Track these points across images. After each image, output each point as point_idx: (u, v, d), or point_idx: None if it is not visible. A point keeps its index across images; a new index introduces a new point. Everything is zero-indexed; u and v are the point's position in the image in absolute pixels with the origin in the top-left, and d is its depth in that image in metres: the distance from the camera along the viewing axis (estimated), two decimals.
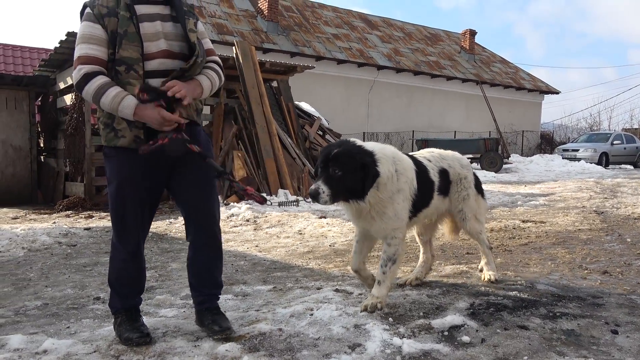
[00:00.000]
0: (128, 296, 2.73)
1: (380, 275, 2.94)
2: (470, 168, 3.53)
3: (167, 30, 2.52)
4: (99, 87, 2.38)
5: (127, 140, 2.49)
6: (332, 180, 2.64)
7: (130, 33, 2.42)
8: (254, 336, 2.61)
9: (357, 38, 24.25)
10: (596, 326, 2.63)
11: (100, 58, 2.42)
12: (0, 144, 10.70)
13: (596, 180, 12.80)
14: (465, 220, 3.41)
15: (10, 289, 4.05)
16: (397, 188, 2.84)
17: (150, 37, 2.47)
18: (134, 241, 2.66)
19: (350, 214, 2.95)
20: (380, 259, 2.96)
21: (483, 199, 3.63)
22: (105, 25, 2.41)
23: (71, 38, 8.86)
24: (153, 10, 2.53)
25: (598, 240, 5.07)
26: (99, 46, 2.41)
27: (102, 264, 4.92)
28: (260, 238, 6.05)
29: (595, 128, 36.96)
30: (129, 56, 2.42)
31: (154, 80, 2.46)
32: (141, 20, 2.46)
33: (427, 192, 3.12)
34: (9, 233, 6.32)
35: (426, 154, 3.38)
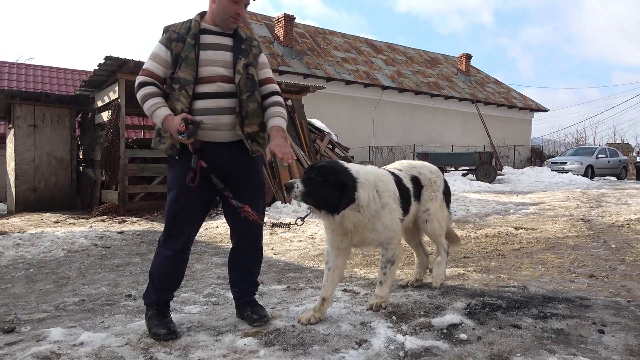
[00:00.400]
0: (163, 291, 2.72)
1: (381, 276, 2.87)
2: (439, 175, 3.39)
3: (226, 59, 2.63)
4: (145, 95, 2.55)
5: (166, 147, 2.61)
6: (310, 182, 2.52)
7: (190, 58, 2.54)
8: (269, 332, 2.59)
9: (363, 61, 24.30)
10: (584, 326, 2.58)
11: (156, 74, 2.58)
12: (45, 155, 10.84)
13: (582, 190, 12.63)
14: (428, 221, 3.24)
15: (51, 286, 4.08)
16: (380, 205, 2.73)
17: (208, 63, 2.59)
18: (180, 243, 2.65)
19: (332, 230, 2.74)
20: (380, 262, 2.91)
21: (448, 209, 3.46)
22: (171, 49, 2.57)
23: (108, 62, 9.00)
24: (219, 40, 2.66)
25: (585, 246, 4.99)
26: (159, 65, 2.58)
27: (134, 264, 4.95)
28: (275, 242, 6.04)
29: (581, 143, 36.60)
30: (183, 77, 2.53)
31: (204, 102, 2.57)
32: (205, 48, 2.60)
33: (406, 200, 3.02)
34: (51, 235, 6.38)
35: (397, 165, 3.30)
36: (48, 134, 10.89)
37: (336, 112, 21.14)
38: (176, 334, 2.57)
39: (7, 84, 16.52)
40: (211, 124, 2.58)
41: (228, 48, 2.66)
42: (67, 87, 17.74)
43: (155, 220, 8.37)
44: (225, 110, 2.59)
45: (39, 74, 18.51)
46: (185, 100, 2.54)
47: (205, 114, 2.56)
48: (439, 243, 3.37)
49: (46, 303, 3.53)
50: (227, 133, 2.62)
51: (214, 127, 2.59)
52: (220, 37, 2.67)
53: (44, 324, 2.99)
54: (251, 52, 2.70)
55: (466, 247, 5.26)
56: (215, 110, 2.57)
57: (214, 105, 2.57)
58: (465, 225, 6.98)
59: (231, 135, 2.63)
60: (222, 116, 2.59)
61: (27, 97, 10.80)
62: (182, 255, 2.71)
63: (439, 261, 3.38)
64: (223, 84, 2.60)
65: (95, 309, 3.34)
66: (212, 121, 2.57)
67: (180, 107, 2.52)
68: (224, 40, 2.67)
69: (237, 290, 2.85)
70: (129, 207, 9.32)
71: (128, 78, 9.37)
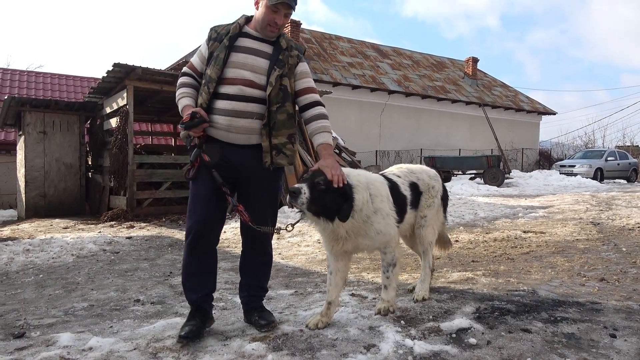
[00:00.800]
0: (190, 290, 2.70)
1: (385, 280, 2.82)
2: (438, 179, 3.31)
3: (257, 64, 2.64)
4: (179, 84, 2.75)
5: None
6: (315, 189, 2.42)
7: (219, 58, 2.61)
8: (277, 336, 2.59)
9: (369, 66, 24.32)
10: (595, 330, 2.55)
11: (196, 67, 2.75)
12: (54, 162, 10.94)
13: (592, 193, 12.52)
14: (423, 226, 3.16)
15: (61, 291, 4.10)
16: (373, 210, 2.65)
17: (235, 66, 2.63)
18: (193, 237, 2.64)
19: (326, 237, 2.67)
20: (382, 267, 2.86)
21: (444, 214, 3.39)
22: (209, 47, 2.69)
23: (117, 68, 9.09)
24: (257, 46, 2.69)
25: (595, 250, 4.93)
26: (199, 60, 2.74)
27: (142, 269, 4.96)
28: (282, 246, 6.04)
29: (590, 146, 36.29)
30: (209, 75, 2.62)
31: (221, 102, 2.60)
32: (237, 50, 2.65)
33: (402, 208, 2.92)
34: (61, 241, 6.43)
35: (395, 170, 3.19)
36: (57, 140, 10.99)
37: (343, 117, 21.15)
38: (187, 341, 2.52)
39: (18, 92, 16.72)
40: (225, 125, 2.60)
41: (264, 55, 2.67)
42: (76, 94, 17.93)
43: (164, 225, 8.40)
44: (241, 113, 2.60)
45: (49, 81, 18.73)
46: (206, 96, 2.61)
47: (220, 114, 2.60)
48: (426, 255, 3.23)
49: (55, 308, 3.55)
50: (241, 136, 2.62)
51: (227, 129, 2.60)
52: (259, 42, 2.69)
53: (53, 329, 3.00)
54: (288, 62, 2.68)
55: (475, 251, 5.23)
56: (230, 112, 2.59)
57: (229, 107, 2.59)
58: (473, 229, 6.94)
59: (245, 138, 2.63)
60: (237, 119, 2.60)
61: (37, 104, 10.92)
62: (198, 251, 2.66)
63: (422, 279, 3.23)
64: (245, 88, 2.60)
65: (104, 314, 3.36)
66: (225, 122, 2.59)
67: (200, 102, 2.62)
68: (262, 46, 2.69)
69: (245, 294, 2.85)
70: (137, 212, 9.37)
71: (136, 84, 9.46)
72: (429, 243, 3.22)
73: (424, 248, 3.22)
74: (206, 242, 2.69)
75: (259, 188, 2.71)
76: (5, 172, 14.45)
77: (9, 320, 3.25)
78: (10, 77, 18.09)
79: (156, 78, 9.62)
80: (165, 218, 9.19)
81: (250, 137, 2.64)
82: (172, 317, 3.16)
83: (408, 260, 4.77)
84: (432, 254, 3.32)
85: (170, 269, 4.93)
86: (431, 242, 3.24)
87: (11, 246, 6.18)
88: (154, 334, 2.73)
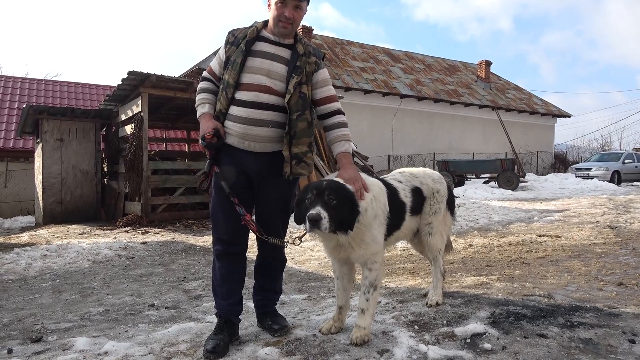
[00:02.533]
0: (217, 295, 2.69)
1: (363, 303, 2.56)
2: (442, 182, 3.18)
3: (273, 69, 2.59)
4: (198, 89, 2.76)
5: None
6: (329, 207, 2.32)
7: (236, 63, 2.58)
8: (290, 341, 2.58)
9: (381, 70, 24.32)
10: (613, 335, 2.49)
11: (215, 72, 2.74)
12: (70, 168, 11.11)
13: (609, 196, 12.30)
14: (430, 234, 3.07)
15: (77, 296, 4.16)
16: (373, 215, 2.56)
17: (251, 71, 2.59)
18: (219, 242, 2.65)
19: (329, 246, 2.58)
20: (362, 286, 2.59)
21: (452, 216, 3.28)
22: (227, 51, 2.67)
23: (131, 76, 9.22)
24: (274, 50, 2.63)
25: (613, 254, 4.84)
26: (218, 64, 2.73)
27: (156, 274, 5.01)
28: (295, 251, 6.04)
29: (606, 148, 35.74)
30: (227, 80, 2.60)
31: (237, 109, 2.57)
32: (254, 55, 2.61)
33: (399, 215, 2.82)
34: (77, 247, 6.52)
35: (397, 175, 3.05)
36: (74, 147, 11.17)
37: (355, 122, 21.14)
38: (214, 354, 2.41)
39: (36, 100, 17.06)
40: (240, 132, 2.57)
41: (282, 60, 2.62)
42: (92, 102, 18.24)
43: (177, 231, 8.47)
44: (256, 122, 2.56)
45: (65, 89, 19.08)
46: (225, 102, 2.59)
47: (235, 121, 2.58)
48: (436, 261, 3.16)
49: (72, 313, 3.59)
50: (256, 144, 2.60)
51: (242, 137, 2.58)
52: (277, 47, 2.64)
53: (69, 333, 3.05)
54: (305, 69, 2.62)
55: (489, 255, 5.17)
56: (245, 120, 2.56)
57: (244, 115, 2.56)
58: (488, 233, 6.87)
59: (260, 147, 2.60)
60: (252, 127, 2.56)
61: (54, 112, 11.12)
62: (226, 257, 2.65)
63: (434, 284, 3.17)
64: (260, 94, 2.56)
65: (119, 318, 3.39)
66: (240, 130, 2.57)
67: (219, 108, 2.61)
68: (280, 50, 2.63)
69: (259, 298, 2.85)
70: (152, 218, 9.47)
71: (150, 92, 9.58)
72: (438, 250, 3.15)
73: (433, 255, 3.16)
74: (234, 249, 2.69)
75: (271, 195, 2.69)
76: (24, 179, 14.72)
77: (27, 325, 3.30)
78: (29, 86, 18.46)
79: (170, 85, 9.74)
80: (179, 223, 9.27)
81: (266, 145, 2.61)
82: (186, 321, 3.18)
83: (422, 265, 4.73)
84: (443, 258, 3.27)
85: (184, 274, 4.97)
86: (440, 249, 3.17)
87: (29, 252, 6.29)
88: (168, 339, 2.75)
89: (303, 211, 2.39)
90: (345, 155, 2.63)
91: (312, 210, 2.28)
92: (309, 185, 2.45)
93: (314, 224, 2.26)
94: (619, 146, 37.18)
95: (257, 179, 2.66)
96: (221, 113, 2.61)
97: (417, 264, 4.76)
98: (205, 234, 7.98)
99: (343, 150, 2.65)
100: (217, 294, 2.69)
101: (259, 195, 2.70)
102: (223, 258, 2.67)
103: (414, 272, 4.45)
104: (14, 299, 4.18)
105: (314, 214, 2.26)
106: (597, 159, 22.77)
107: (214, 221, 2.69)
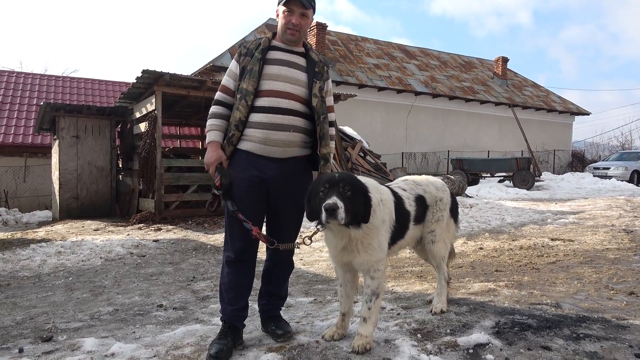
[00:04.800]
0: (223, 300, 2.72)
1: (365, 312, 2.56)
2: (446, 190, 3.19)
3: (292, 75, 2.69)
4: (210, 114, 2.77)
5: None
6: (344, 198, 2.32)
7: (254, 71, 2.64)
8: (293, 347, 2.60)
9: (396, 67, 24.15)
10: (619, 349, 2.46)
11: (229, 88, 2.75)
12: (86, 165, 11.30)
13: (627, 198, 12.06)
14: (434, 242, 3.08)
15: (88, 295, 4.24)
16: (381, 219, 2.56)
17: (271, 77, 2.67)
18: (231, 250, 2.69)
19: (337, 246, 2.56)
20: (364, 295, 2.59)
21: (455, 223, 3.28)
22: (240, 62, 2.71)
23: (146, 75, 9.32)
24: (288, 57, 2.74)
25: (626, 260, 4.76)
26: (231, 79, 2.75)
27: (167, 273, 5.08)
28: (304, 252, 6.06)
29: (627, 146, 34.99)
30: (245, 88, 2.63)
31: (258, 115, 2.63)
32: (270, 63, 2.68)
33: (404, 224, 2.82)
34: (91, 244, 6.63)
35: (401, 183, 3.06)
36: (89, 144, 11.35)
37: (369, 119, 21.08)
38: (218, 359, 2.45)
39: (53, 97, 17.36)
40: (261, 138, 2.63)
41: (298, 67, 2.73)
42: (108, 99, 18.48)
43: (190, 228, 8.56)
44: (278, 126, 2.62)
45: (82, 86, 19.37)
46: (244, 109, 2.62)
47: (256, 127, 2.63)
48: (440, 268, 3.16)
49: (82, 312, 3.67)
50: (277, 149, 2.65)
51: (264, 142, 2.63)
52: (289, 54, 2.74)
53: (79, 333, 3.11)
54: (324, 76, 2.79)
55: (499, 259, 5.13)
56: (267, 125, 2.62)
57: (265, 120, 2.62)
58: (499, 235, 6.80)
59: (281, 151, 2.66)
60: (274, 132, 2.62)
61: (70, 109, 11.31)
62: (235, 263, 2.68)
63: (438, 292, 3.16)
64: (280, 100, 2.63)
65: (128, 318, 3.45)
66: (262, 135, 2.62)
67: (239, 116, 2.63)
68: (294, 58, 2.74)
69: (264, 302, 2.88)
70: (165, 215, 9.58)
71: (164, 90, 9.68)
72: (442, 257, 3.15)
73: (437, 263, 3.16)
74: (245, 256, 2.72)
75: (287, 200, 2.72)
76: (42, 174, 15.01)
77: (39, 323, 3.38)
78: (47, 82, 18.78)
79: (183, 84, 9.82)
80: (191, 221, 9.37)
81: (287, 150, 2.67)
82: (192, 323, 3.22)
83: (430, 269, 4.71)
84: (447, 266, 3.26)
85: (193, 273, 5.03)
86: (444, 257, 3.17)
87: (44, 248, 6.43)
88: (174, 341, 2.79)
89: (318, 204, 2.38)
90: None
91: (329, 200, 2.28)
92: (321, 179, 2.47)
93: (331, 214, 2.26)
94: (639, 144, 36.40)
95: (274, 185, 2.68)
96: (240, 122, 2.64)
97: (425, 267, 4.74)
98: (217, 232, 8.05)
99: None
100: (224, 299, 2.73)
101: (274, 200, 2.72)
102: (233, 264, 2.71)
103: (422, 276, 4.44)
104: (28, 296, 4.28)
105: (331, 204, 2.26)
106: (616, 158, 22.33)
107: (228, 229, 2.74)
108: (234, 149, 2.69)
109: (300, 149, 2.73)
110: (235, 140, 2.67)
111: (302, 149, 2.74)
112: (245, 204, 2.64)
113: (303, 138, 2.71)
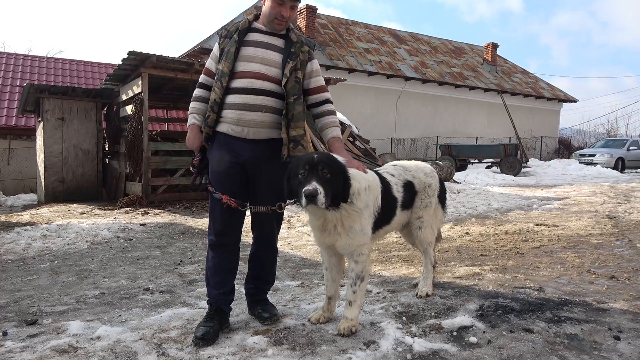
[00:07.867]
0: (209, 284, 2.73)
1: (350, 295, 2.58)
2: (434, 176, 3.20)
3: (267, 57, 2.66)
4: (193, 96, 2.83)
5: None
6: (323, 181, 2.29)
7: (230, 52, 2.65)
8: (279, 330, 2.62)
9: (386, 52, 24.03)
10: (599, 331, 2.52)
11: (211, 70, 2.79)
12: (72, 148, 11.13)
13: (611, 184, 12.25)
14: (421, 228, 3.09)
15: (74, 279, 4.21)
16: (365, 203, 2.55)
17: (245, 59, 2.66)
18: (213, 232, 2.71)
19: (316, 228, 2.57)
20: (349, 278, 2.60)
21: (443, 209, 3.31)
22: (220, 44, 2.74)
23: (132, 56, 9.15)
24: (267, 40, 2.71)
25: (608, 245, 4.85)
26: (213, 61, 2.78)
27: (153, 257, 5.05)
28: (292, 236, 6.07)
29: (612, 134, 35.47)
30: (221, 69, 2.65)
31: (232, 97, 2.63)
32: (247, 45, 2.68)
33: (390, 210, 2.82)
34: (77, 227, 6.57)
35: (389, 168, 3.04)
36: (75, 126, 11.16)
37: (358, 104, 21.02)
38: (203, 341, 2.46)
39: (37, 78, 17.00)
40: (234, 118, 2.62)
41: (275, 48, 2.69)
42: (94, 80, 18.15)
43: (177, 212, 8.52)
44: (250, 107, 2.61)
45: (67, 67, 18.98)
46: (219, 91, 2.63)
47: (230, 108, 2.63)
48: (427, 253, 3.19)
49: (68, 295, 3.64)
50: (250, 130, 2.63)
51: (237, 122, 2.62)
52: (269, 36, 2.72)
53: (64, 317, 3.09)
54: (299, 56, 2.71)
55: (485, 244, 5.19)
56: (239, 105, 2.61)
57: (238, 101, 2.62)
58: (485, 220, 6.87)
59: (254, 132, 2.64)
60: (246, 112, 2.61)
61: (55, 91, 11.08)
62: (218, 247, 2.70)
63: (424, 275, 3.20)
64: (255, 80, 2.62)
65: (114, 302, 3.44)
66: (235, 116, 2.62)
67: (214, 97, 2.65)
68: (273, 40, 2.71)
69: (251, 286, 2.89)
70: (152, 199, 9.51)
71: (151, 72, 9.52)
72: (429, 243, 3.18)
73: (424, 248, 3.19)
74: (227, 240, 2.73)
75: (265, 180, 2.72)
76: (27, 157, 14.78)
77: (24, 307, 3.35)
78: (31, 63, 18.37)
79: (170, 66, 9.67)
80: (179, 204, 9.31)
81: (259, 130, 2.65)
82: (179, 306, 3.22)
83: (416, 253, 4.75)
84: (434, 250, 3.30)
85: (180, 257, 5.01)
86: (430, 242, 3.20)
87: (30, 231, 6.35)
88: (160, 325, 2.79)
89: (296, 186, 2.36)
90: (337, 140, 2.77)
91: (309, 186, 2.26)
92: (300, 159, 2.42)
93: (311, 200, 2.24)
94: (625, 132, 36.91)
95: (251, 167, 2.68)
96: (215, 103, 2.65)
97: (412, 251, 4.78)
98: (205, 216, 8.02)
99: (335, 135, 2.79)
100: (210, 283, 2.74)
101: (253, 182, 2.72)
102: (216, 248, 2.73)
103: (408, 260, 4.48)
104: (12, 279, 4.24)
105: (311, 190, 2.24)
106: (601, 145, 22.64)
107: (210, 212, 2.75)
108: (212, 131, 2.69)
109: (274, 130, 2.67)
110: (211, 121, 2.66)
111: (276, 130, 2.67)
112: (226, 186, 2.65)
113: (276, 119, 2.66)
